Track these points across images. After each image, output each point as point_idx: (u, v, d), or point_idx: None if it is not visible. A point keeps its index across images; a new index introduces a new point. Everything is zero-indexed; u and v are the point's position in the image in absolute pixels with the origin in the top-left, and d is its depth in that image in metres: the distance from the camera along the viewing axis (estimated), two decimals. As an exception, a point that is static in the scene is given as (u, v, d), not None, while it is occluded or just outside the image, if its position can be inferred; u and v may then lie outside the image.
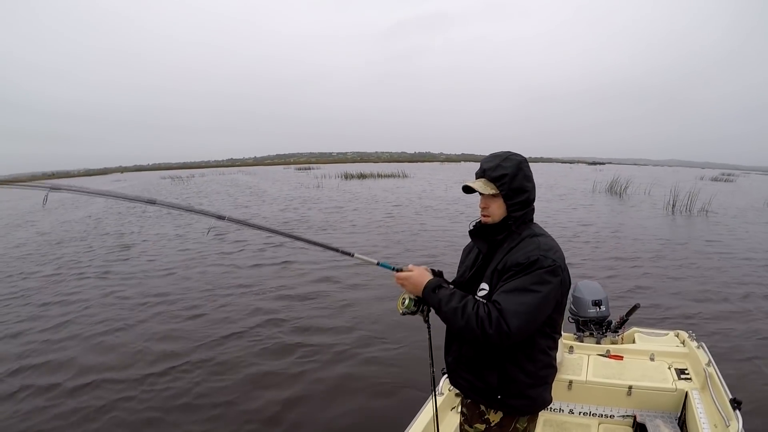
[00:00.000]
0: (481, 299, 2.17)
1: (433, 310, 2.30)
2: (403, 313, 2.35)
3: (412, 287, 2.29)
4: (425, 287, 2.24)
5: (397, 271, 2.38)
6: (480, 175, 2.32)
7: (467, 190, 2.32)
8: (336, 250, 2.49)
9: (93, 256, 13.60)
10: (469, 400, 2.44)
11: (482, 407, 2.35)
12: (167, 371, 6.08)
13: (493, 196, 2.26)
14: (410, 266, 2.38)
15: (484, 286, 2.26)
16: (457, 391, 2.83)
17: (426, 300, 2.24)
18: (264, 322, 7.67)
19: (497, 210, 2.29)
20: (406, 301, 2.33)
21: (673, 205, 22.83)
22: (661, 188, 26.16)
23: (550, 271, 2.11)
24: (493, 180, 2.25)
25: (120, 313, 8.31)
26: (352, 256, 2.45)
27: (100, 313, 8.36)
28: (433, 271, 2.41)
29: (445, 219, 18.92)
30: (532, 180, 2.34)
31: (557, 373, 3.87)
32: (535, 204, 2.36)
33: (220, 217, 2.43)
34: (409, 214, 20.78)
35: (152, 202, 2.41)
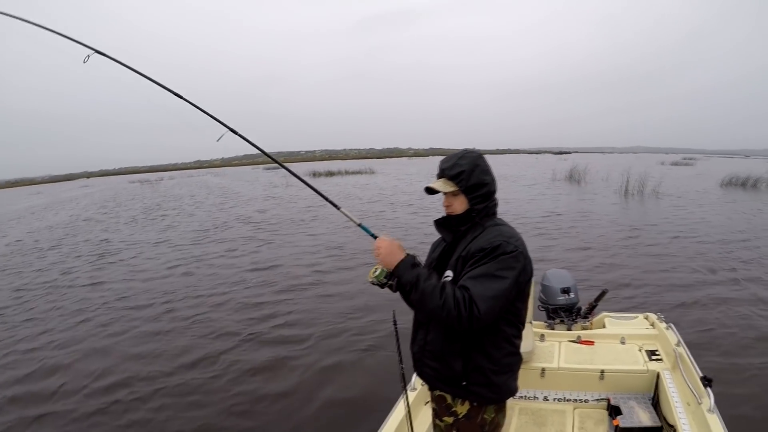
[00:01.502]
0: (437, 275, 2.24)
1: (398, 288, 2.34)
2: (372, 283, 2.33)
3: (386, 256, 2.29)
4: (403, 260, 2.25)
5: (376, 238, 2.42)
6: (439, 175, 2.39)
7: (429, 191, 2.38)
8: (326, 198, 2.72)
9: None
10: (436, 393, 2.45)
11: (448, 399, 2.37)
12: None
13: (454, 193, 2.34)
14: (383, 236, 2.42)
15: (449, 273, 2.30)
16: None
17: (400, 273, 2.23)
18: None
19: (460, 206, 2.36)
20: (378, 271, 2.31)
21: (626, 190, 24.01)
22: (619, 174, 26.98)
23: (513, 256, 2.16)
24: (451, 178, 2.32)
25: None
26: (339, 209, 2.62)
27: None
28: (409, 254, 2.39)
29: (417, 214, 18.97)
30: (491, 173, 2.40)
31: (530, 362, 3.89)
32: (498, 196, 2.41)
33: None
34: (378, 209, 21.04)
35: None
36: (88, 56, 2.68)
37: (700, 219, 16.03)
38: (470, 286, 2.09)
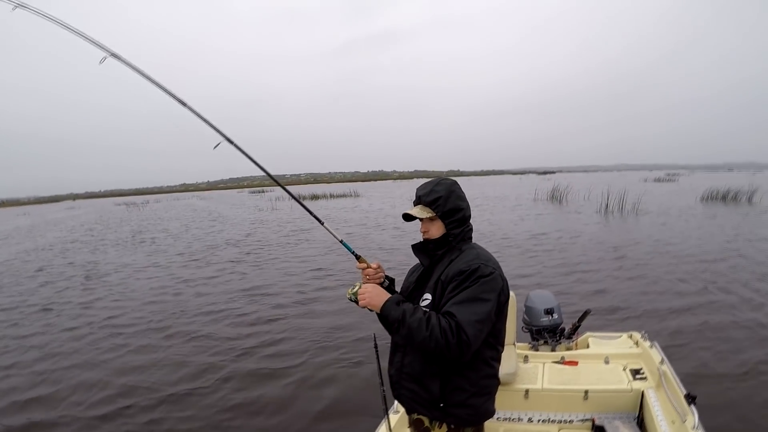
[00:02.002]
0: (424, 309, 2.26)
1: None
2: (350, 299, 2.41)
3: (372, 298, 2.32)
4: (389, 300, 2.29)
5: (357, 257, 2.59)
6: (416, 202, 2.50)
7: (407, 217, 2.49)
8: (311, 213, 2.76)
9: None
10: (415, 417, 2.46)
11: (426, 423, 2.39)
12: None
13: (431, 219, 2.43)
14: (375, 263, 2.58)
15: (427, 296, 2.36)
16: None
17: (387, 312, 2.25)
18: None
19: (436, 231, 2.44)
20: (356, 288, 2.41)
21: (606, 208, 24.60)
22: (601, 193, 27.37)
23: (492, 278, 2.22)
24: (428, 204, 2.42)
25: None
26: (322, 224, 2.75)
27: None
28: (387, 277, 2.61)
29: (402, 238, 18.92)
30: (466, 199, 2.50)
31: (513, 383, 3.88)
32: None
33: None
34: (364, 232, 21.00)
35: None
36: (105, 58, 2.76)
37: (681, 234, 16.26)
38: (455, 312, 2.12)
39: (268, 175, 3.02)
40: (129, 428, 5.29)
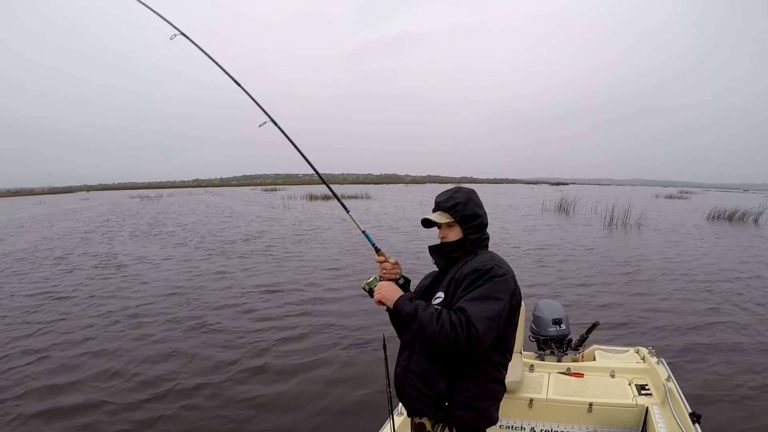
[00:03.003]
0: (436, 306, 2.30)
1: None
2: (365, 289, 2.55)
3: (387, 293, 2.41)
4: (402, 296, 2.36)
5: (377, 250, 2.68)
6: (435, 208, 2.55)
7: (426, 224, 2.56)
8: (339, 200, 3.08)
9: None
10: (416, 420, 2.47)
11: (428, 426, 2.40)
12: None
13: (449, 225, 2.49)
14: (393, 259, 2.65)
15: (440, 294, 2.41)
16: None
17: (401, 307, 2.31)
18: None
19: (454, 236, 2.50)
20: (371, 279, 2.55)
21: (611, 220, 24.60)
22: (612, 206, 27.40)
23: (504, 280, 2.26)
24: (447, 210, 2.48)
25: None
26: (348, 212, 2.90)
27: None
28: (404, 277, 2.65)
29: (414, 241, 19.03)
30: (483, 208, 2.56)
31: (518, 392, 3.87)
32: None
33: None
34: (377, 233, 20.85)
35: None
36: (175, 35, 3.10)
37: (692, 252, 16.19)
38: (466, 307, 2.15)
39: (307, 161, 3.22)
40: (146, 419, 5.33)
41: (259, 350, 7.24)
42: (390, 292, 2.40)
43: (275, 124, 3.03)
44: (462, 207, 2.45)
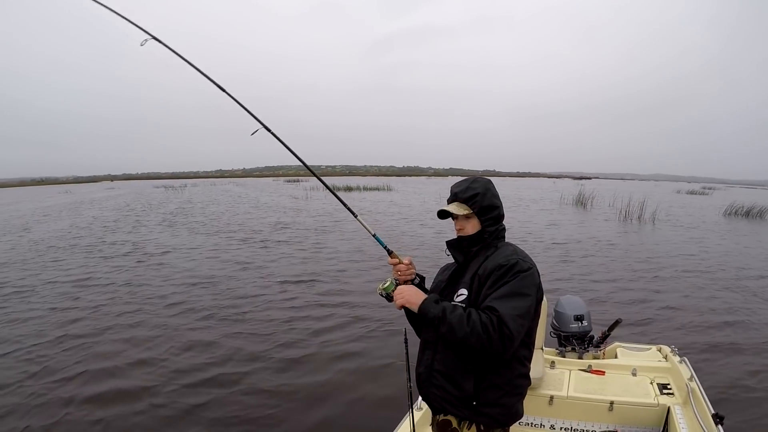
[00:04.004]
0: (460, 305, 2.26)
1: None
2: (381, 294, 2.48)
3: (410, 296, 2.34)
4: (426, 299, 2.28)
5: (389, 252, 2.59)
6: (452, 199, 2.48)
7: (442, 214, 2.47)
8: (345, 205, 2.86)
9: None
10: (440, 418, 2.42)
11: (454, 424, 2.35)
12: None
13: (467, 216, 2.42)
14: (407, 259, 2.57)
15: (463, 291, 2.34)
16: None
17: (427, 310, 2.24)
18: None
19: (472, 229, 2.43)
20: (387, 284, 2.46)
21: (626, 216, 24.68)
22: (629, 200, 27.22)
23: (531, 274, 2.22)
24: (465, 201, 2.42)
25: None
26: (356, 217, 2.76)
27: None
28: (418, 275, 2.59)
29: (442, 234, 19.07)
30: (500, 199, 2.50)
31: (539, 388, 3.85)
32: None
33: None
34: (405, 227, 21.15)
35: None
36: (146, 41, 2.89)
37: (715, 250, 15.97)
38: (497, 306, 2.10)
39: (304, 164, 3.06)
40: (176, 407, 5.42)
41: (290, 341, 7.33)
42: (413, 296, 2.34)
43: (268, 130, 2.88)
44: (480, 198, 2.39)
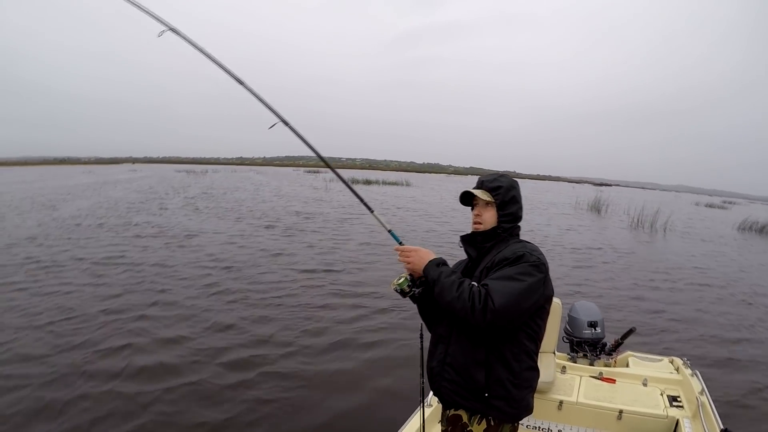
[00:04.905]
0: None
1: (419, 292, 2.49)
2: (395, 290, 2.49)
3: (417, 259, 2.42)
4: (431, 260, 2.38)
5: (401, 244, 2.61)
6: (478, 186, 2.54)
7: (465, 197, 2.55)
8: (361, 200, 2.82)
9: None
10: (450, 413, 2.45)
11: (464, 418, 2.37)
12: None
13: (488, 204, 2.48)
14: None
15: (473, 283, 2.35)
16: None
17: (428, 272, 2.34)
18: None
19: (489, 219, 2.48)
20: (401, 279, 2.48)
21: (637, 223, 25.03)
22: (645, 209, 27.40)
23: (534, 265, 2.25)
24: (490, 190, 2.48)
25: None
26: (372, 212, 2.73)
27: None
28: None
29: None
30: (521, 200, 2.55)
31: (549, 393, 3.86)
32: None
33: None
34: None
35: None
36: (163, 32, 2.87)
37: (733, 264, 15.90)
38: (489, 283, 2.18)
39: (321, 158, 3.10)
40: (207, 387, 5.56)
41: (319, 329, 7.44)
42: (422, 255, 2.43)
43: (286, 124, 2.88)
44: (504, 191, 2.45)
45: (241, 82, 2.91)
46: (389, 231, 2.69)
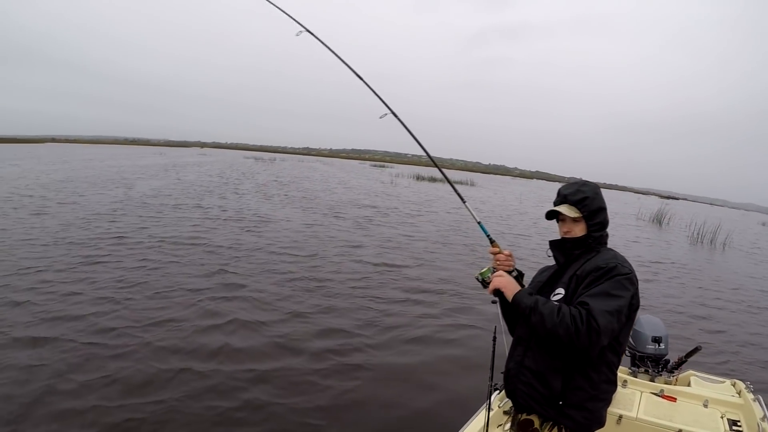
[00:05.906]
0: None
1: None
2: (477, 279, 2.63)
3: (507, 284, 2.46)
4: (522, 290, 2.42)
5: (491, 241, 2.74)
6: (560, 201, 2.52)
7: (552, 214, 2.55)
8: (457, 192, 3.13)
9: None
10: (522, 417, 2.47)
11: (536, 424, 2.40)
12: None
13: (575, 220, 2.47)
14: (508, 251, 2.71)
15: (560, 290, 2.42)
16: (506, 409, 2.90)
17: (520, 300, 2.35)
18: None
19: (579, 232, 2.49)
20: (485, 269, 2.61)
21: (698, 238, 24.60)
22: (706, 224, 26.78)
23: (628, 278, 2.26)
24: (575, 203, 2.46)
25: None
26: (464, 203, 2.97)
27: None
28: (517, 269, 2.69)
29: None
30: (605, 203, 2.54)
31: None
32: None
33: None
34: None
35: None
36: (300, 32, 3.37)
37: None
38: (589, 302, 2.15)
39: (428, 154, 3.54)
40: (297, 376, 5.71)
41: (388, 326, 7.51)
42: (510, 283, 2.44)
43: (395, 116, 3.23)
44: (590, 202, 2.44)
45: (361, 78, 3.39)
46: (479, 223, 2.80)
